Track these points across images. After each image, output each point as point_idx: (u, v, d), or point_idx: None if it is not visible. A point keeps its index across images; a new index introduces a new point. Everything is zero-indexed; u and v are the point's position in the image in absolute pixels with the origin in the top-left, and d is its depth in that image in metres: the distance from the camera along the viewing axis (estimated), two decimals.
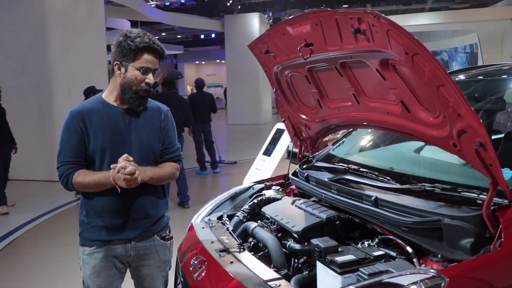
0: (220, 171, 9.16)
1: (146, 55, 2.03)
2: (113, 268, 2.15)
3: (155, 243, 2.23)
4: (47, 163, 8.38)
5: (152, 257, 2.22)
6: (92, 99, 2.17)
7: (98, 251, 2.12)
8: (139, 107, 2.10)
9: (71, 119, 2.07)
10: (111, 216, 2.10)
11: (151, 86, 2.08)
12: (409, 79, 1.68)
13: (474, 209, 1.62)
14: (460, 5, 19.27)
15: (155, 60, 2.06)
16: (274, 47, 2.27)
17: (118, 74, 2.06)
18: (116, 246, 2.13)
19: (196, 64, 38.18)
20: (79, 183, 2.03)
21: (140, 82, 2.04)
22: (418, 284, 1.35)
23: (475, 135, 1.49)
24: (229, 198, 2.74)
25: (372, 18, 1.56)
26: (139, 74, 2.03)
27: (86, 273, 2.14)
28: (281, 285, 1.66)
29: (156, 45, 2.05)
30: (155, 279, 2.26)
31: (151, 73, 2.05)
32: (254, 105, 19.09)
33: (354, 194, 2.05)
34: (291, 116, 2.66)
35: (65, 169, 2.05)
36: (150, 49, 2.03)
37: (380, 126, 2.18)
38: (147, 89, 2.06)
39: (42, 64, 8.45)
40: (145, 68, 2.03)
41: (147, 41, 2.01)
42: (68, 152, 2.06)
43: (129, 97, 2.06)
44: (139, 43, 2.00)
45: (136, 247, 2.16)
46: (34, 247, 5.19)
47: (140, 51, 2.01)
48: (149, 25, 23.63)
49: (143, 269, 2.23)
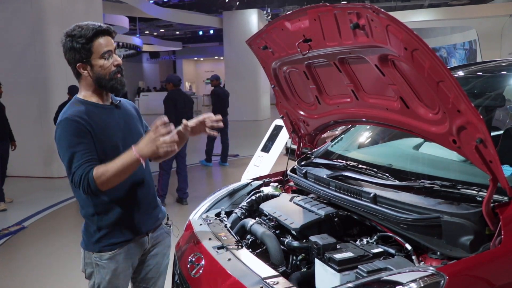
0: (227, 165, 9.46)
1: (99, 40, 1.97)
2: (130, 267, 2.12)
3: (164, 230, 2.27)
4: (45, 160, 8.37)
5: (161, 244, 2.24)
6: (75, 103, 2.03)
7: (119, 253, 2.04)
8: (123, 87, 2.04)
9: (73, 123, 1.90)
10: (132, 213, 2.06)
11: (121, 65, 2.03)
12: (409, 75, 1.66)
13: (474, 206, 1.61)
14: (459, 2, 19.24)
15: (110, 40, 2.00)
16: (272, 42, 2.25)
17: (86, 74, 2.00)
18: (136, 243, 2.10)
19: (195, 60, 38.14)
20: (102, 175, 1.81)
21: (110, 68, 1.99)
22: (417, 281, 1.34)
23: (475, 132, 1.48)
24: (227, 194, 2.73)
25: (371, 13, 1.55)
26: (104, 61, 1.98)
27: (104, 278, 2.04)
28: (279, 283, 1.65)
29: (102, 26, 1.99)
30: (159, 266, 2.27)
31: (113, 54, 2.01)
32: (253, 101, 19.07)
33: (353, 191, 2.03)
34: (290, 112, 2.65)
35: (82, 170, 1.83)
36: (99, 32, 1.97)
37: (379, 123, 2.17)
38: (119, 71, 2.02)
39: (39, 61, 8.44)
40: (106, 51, 1.97)
41: (93, 28, 1.95)
42: (81, 153, 1.86)
43: (109, 85, 2.00)
44: (88, 34, 1.94)
45: (152, 238, 2.17)
46: (32, 243, 5.17)
47: (92, 41, 1.95)
48: (147, 22, 23.58)
49: (150, 259, 2.22)
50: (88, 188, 1.83)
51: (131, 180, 2.02)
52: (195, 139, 9.59)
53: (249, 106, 18.94)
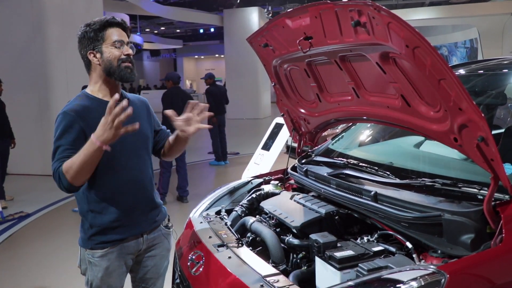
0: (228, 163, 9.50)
1: (112, 29, 2.00)
2: (123, 266, 2.10)
3: (162, 232, 2.22)
4: (45, 158, 8.33)
5: (158, 246, 2.21)
6: (80, 97, 2.04)
7: (111, 251, 2.04)
8: (132, 75, 2.03)
9: (67, 117, 1.91)
10: (126, 212, 2.04)
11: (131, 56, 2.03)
12: (410, 73, 1.65)
13: (475, 204, 1.61)
14: (460, 0, 19.22)
15: (123, 33, 2.03)
16: (273, 40, 2.25)
17: (96, 62, 2.00)
18: (129, 243, 2.07)
19: (195, 58, 38.12)
20: (70, 168, 1.78)
21: (118, 56, 1.99)
22: (418, 280, 1.34)
23: (477, 130, 1.47)
24: (228, 192, 2.73)
25: (372, 11, 1.54)
26: (115, 49, 1.99)
27: (97, 276, 2.04)
28: (279, 281, 1.65)
29: (116, 19, 2.02)
30: (158, 268, 2.24)
31: (125, 45, 2.01)
32: (253, 99, 19.07)
33: (353, 189, 2.03)
34: (290, 110, 2.64)
35: (56, 164, 1.84)
36: (113, 24, 2.01)
37: (380, 121, 2.16)
38: (129, 60, 2.02)
39: (40, 59, 8.43)
40: (118, 41, 1.99)
41: (107, 19, 2.00)
42: (63, 148, 1.87)
43: (117, 73, 1.99)
44: (101, 22, 1.98)
45: (147, 239, 2.14)
46: (32, 241, 5.18)
47: (104, 29, 1.99)
48: (148, 19, 23.57)
49: (147, 260, 2.20)
50: (60, 183, 1.82)
51: (126, 179, 2.03)
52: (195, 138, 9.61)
53: (250, 104, 18.94)
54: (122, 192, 2.03)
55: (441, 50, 19.16)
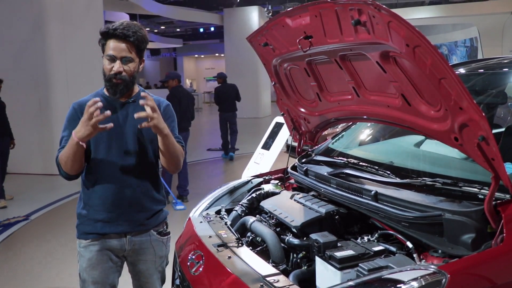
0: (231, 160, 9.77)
1: (110, 42, 1.99)
2: (109, 261, 2.13)
3: (151, 238, 2.20)
4: (45, 157, 8.36)
5: (148, 252, 2.20)
6: (94, 93, 2.18)
7: (93, 244, 2.11)
8: (115, 94, 2.04)
9: (72, 110, 2.10)
10: (107, 209, 2.09)
11: (121, 73, 1.99)
12: (410, 72, 1.65)
13: (476, 204, 1.60)
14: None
15: (120, 46, 1.97)
16: (273, 39, 2.24)
17: None
18: (111, 239, 2.12)
19: (195, 57, 38.08)
20: (61, 159, 2.01)
21: (108, 71, 2.00)
22: (419, 280, 1.33)
23: (477, 129, 1.46)
24: (228, 192, 2.73)
25: (372, 9, 1.54)
26: (106, 62, 2.01)
27: (82, 266, 2.14)
28: (280, 281, 1.64)
29: (118, 30, 1.96)
30: (151, 274, 2.24)
31: (118, 60, 1.98)
32: (253, 98, 19.05)
33: (354, 189, 2.02)
34: (290, 109, 2.63)
35: (57, 154, 2.05)
36: (110, 35, 1.98)
37: (380, 120, 2.16)
38: (116, 77, 1.99)
39: (40, 57, 8.42)
40: (109, 55, 1.98)
41: (106, 29, 1.97)
42: (65, 139, 2.03)
43: (106, 86, 2.08)
44: (101, 32, 2.00)
45: (131, 241, 2.14)
46: (32, 240, 5.17)
47: (104, 40, 2.01)
48: (148, 18, 23.53)
49: (139, 264, 2.21)
50: (60, 171, 2.05)
51: (113, 178, 2.08)
52: (195, 137, 9.64)
53: (250, 103, 18.90)
54: (106, 188, 2.09)
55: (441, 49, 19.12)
